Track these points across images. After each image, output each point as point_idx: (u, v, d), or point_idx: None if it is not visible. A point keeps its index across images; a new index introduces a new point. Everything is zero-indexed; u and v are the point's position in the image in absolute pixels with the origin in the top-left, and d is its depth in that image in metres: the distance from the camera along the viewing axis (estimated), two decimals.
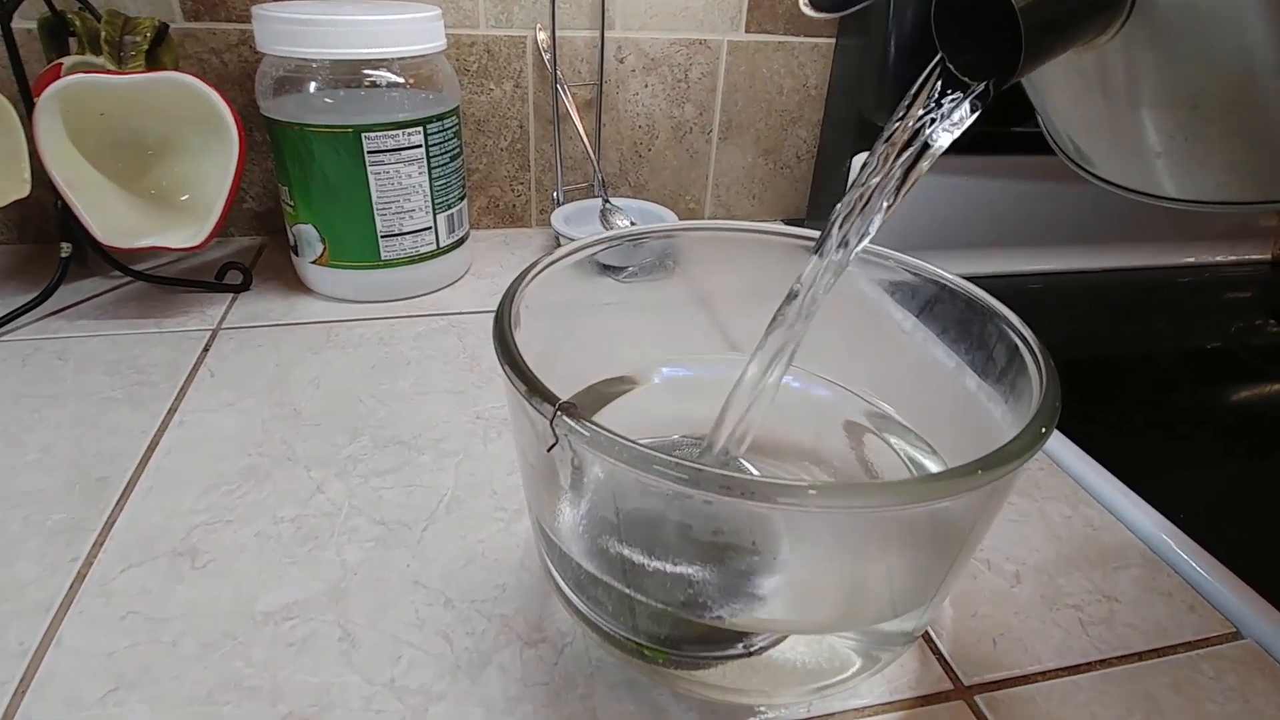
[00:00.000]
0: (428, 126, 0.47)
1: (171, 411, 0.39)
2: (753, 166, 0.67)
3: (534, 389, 0.19)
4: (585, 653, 0.28)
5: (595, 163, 0.60)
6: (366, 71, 0.46)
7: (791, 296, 0.25)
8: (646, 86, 0.61)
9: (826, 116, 0.65)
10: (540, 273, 0.27)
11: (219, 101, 0.44)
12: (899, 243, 0.62)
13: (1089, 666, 0.28)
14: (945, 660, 0.28)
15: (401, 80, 0.47)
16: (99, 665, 0.26)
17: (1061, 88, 0.23)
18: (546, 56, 0.57)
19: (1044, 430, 0.20)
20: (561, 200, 0.61)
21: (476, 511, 0.34)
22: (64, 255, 0.48)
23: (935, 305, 0.28)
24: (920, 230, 0.62)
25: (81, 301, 0.50)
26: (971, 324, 0.27)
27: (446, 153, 0.50)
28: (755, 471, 0.30)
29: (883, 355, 0.32)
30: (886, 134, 0.22)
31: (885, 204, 0.23)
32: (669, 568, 0.21)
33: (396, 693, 0.26)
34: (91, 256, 0.50)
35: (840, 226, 0.24)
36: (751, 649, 0.23)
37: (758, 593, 0.21)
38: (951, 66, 0.20)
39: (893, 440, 0.31)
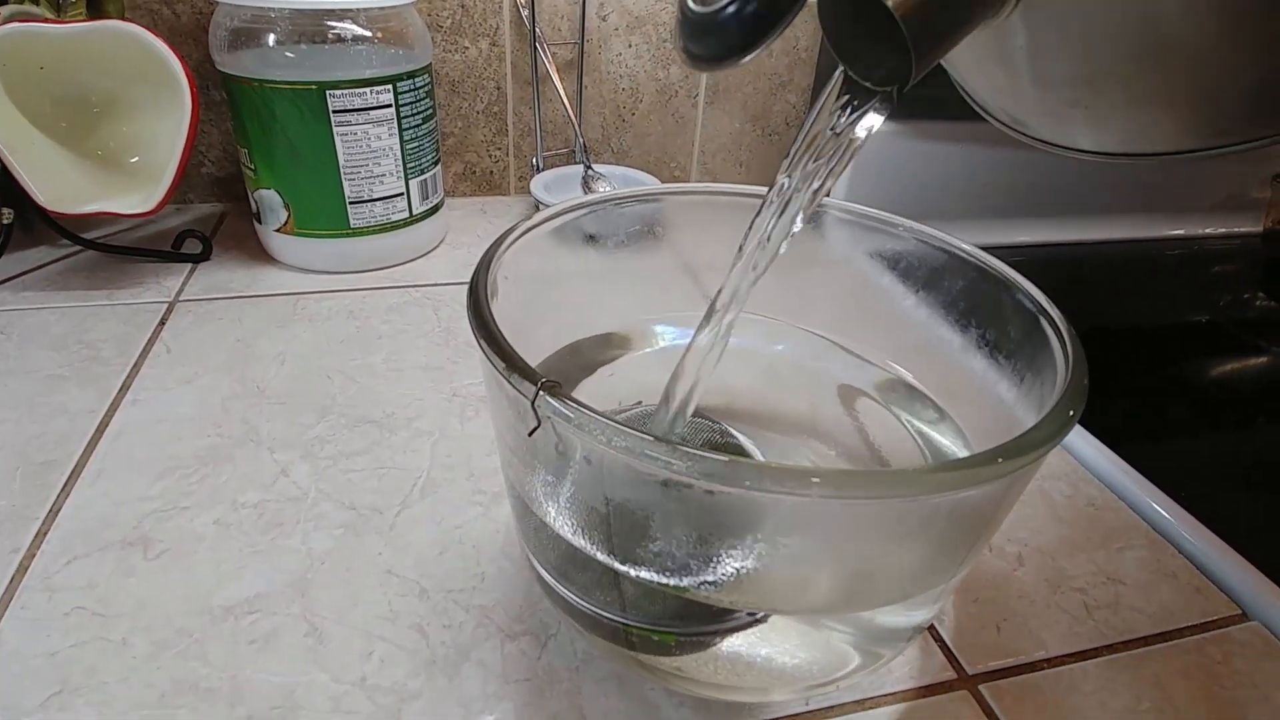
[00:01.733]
0: (398, 84, 0.45)
1: (123, 390, 0.37)
2: (740, 133, 0.64)
3: (513, 365, 0.17)
4: (570, 645, 0.26)
5: (576, 127, 0.58)
6: (330, 23, 0.43)
7: (711, 311, 0.23)
8: (630, 46, 0.59)
9: (817, 81, 0.63)
10: (519, 239, 0.25)
11: (168, 54, 0.40)
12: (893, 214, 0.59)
13: (1095, 653, 0.27)
14: (948, 648, 0.27)
15: (368, 34, 0.44)
16: (40, 667, 0.24)
17: (965, 58, 0.22)
18: (525, 13, 0.54)
19: (1072, 413, 0.18)
20: (541, 166, 0.58)
21: (453, 495, 0.32)
22: (6, 222, 0.45)
23: (944, 275, 0.26)
24: (903, 201, 0.60)
25: (27, 272, 0.47)
26: (983, 295, 0.25)
27: (419, 113, 0.47)
28: (743, 440, 0.28)
29: (886, 316, 0.30)
30: (792, 151, 0.21)
31: (799, 216, 0.22)
32: (664, 553, 0.19)
33: (367, 692, 0.24)
34: (38, 224, 0.47)
35: (754, 244, 0.22)
36: (756, 615, 0.21)
37: (758, 574, 0.19)
38: (851, 73, 0.19)
39: (895, 408, 0.29)
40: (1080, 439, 0.38)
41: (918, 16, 0.17)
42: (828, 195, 0.22)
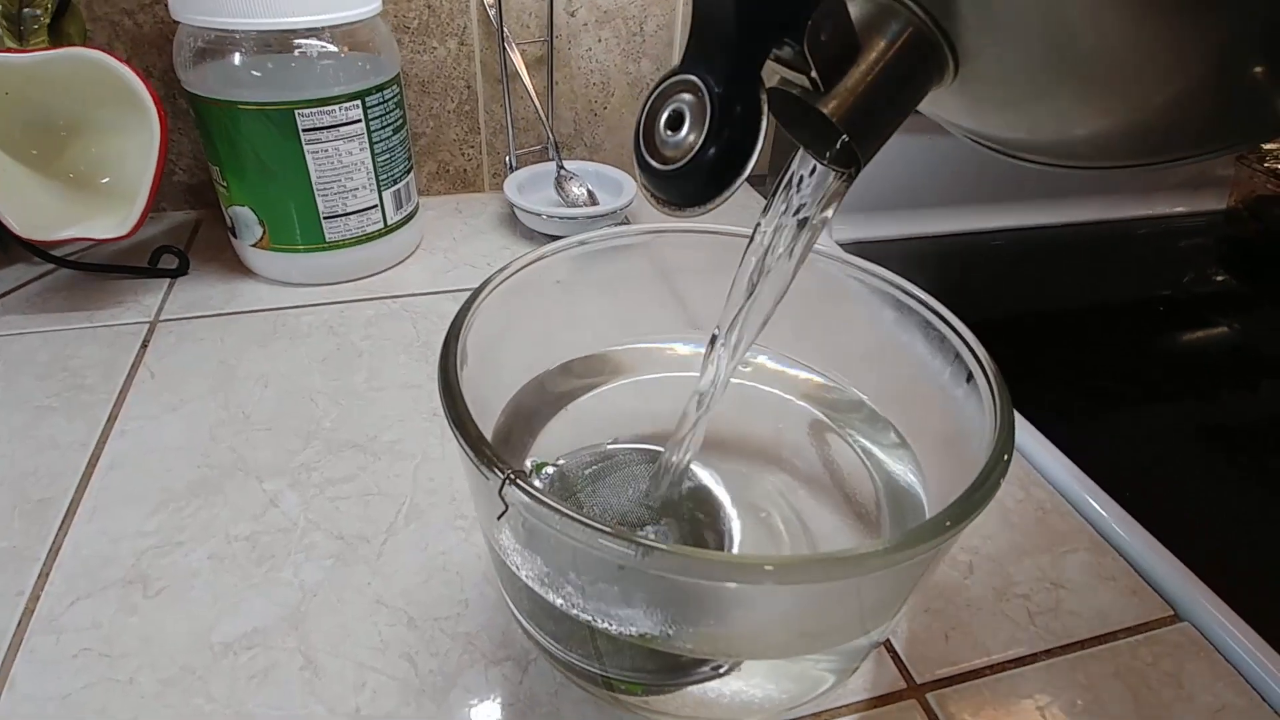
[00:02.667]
0: (366, 100, 0.45)
1: (111, 420, 0.38)
2: None
3: (482, 456, 0.19)
4: (549, 670, 0.28)
5: (548, 125, 0.58)
6: (297, 41, 0.42)
7: (698, 399, 0.25)
8: (600, 41, 0.58)
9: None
10: (487, 297, 0.26)
11: (134, 80, 0.40)
12: (865, 203, 0.61)
13: (1034, 658, 0.30)
14: (900, 660, 0.29)
15: (335, 49, 0.44)
16: (55, 709, 0.26)
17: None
18: (492, 11, 0.54)
19: (1007, 457, 0.20)
20: (514, 165, 0.58)
21: (436, 520, 0.33)
22: None
23: (900, 313, 0.28)
24: (880, 190, 0.61)
25: (6, 293, 0.47)
26: (930, 338, 0.27)
27: (389, 125, 0.47)
28: (709, 481, 0.29)
29: (849, 340, 0.31)
30: (759, 235, 0.23)
31: (776, 294, 0.23)
32: (628, 619, 0.20)
33: None
34: (12, 243, 0.47)
35: (732, 330, 0.24)
36: (720, 670, 0.23)
37: (718, 633, 0.21)
38: (811, 154, 0.21)
39: (854, 433, 0.31)
40: (1032, 440, 0.39)
41: (854, 117, 0.18)
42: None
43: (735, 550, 0.27)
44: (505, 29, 0.54)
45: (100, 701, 0.26)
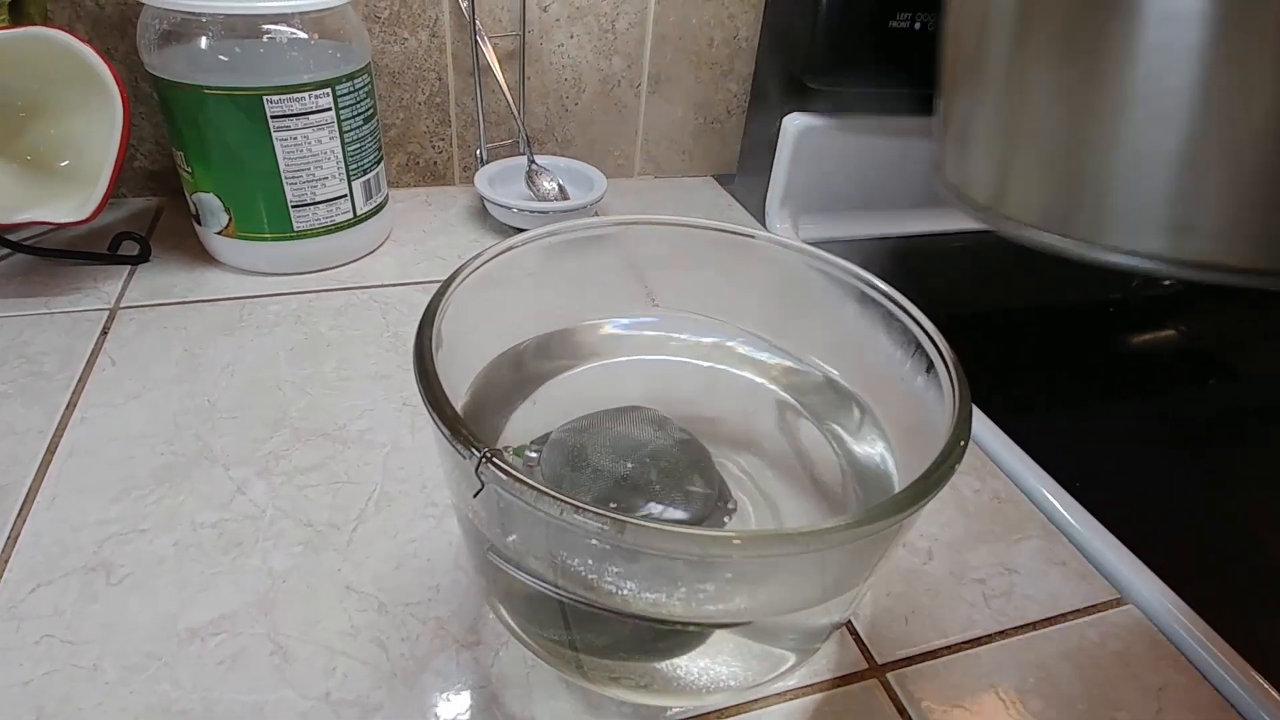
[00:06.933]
0: (337, 88, 0.44)
1: (70, 407, 0.37)
2: (682, 121, 0.65)
3: (458, 434, 0.19)
4: (521, 654, 0.28)
5: (519, 119, 0.58)
6: (265, 26, 0.42)
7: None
8: (572, 37, 0.59)
9: (757, 70, 0.64)
10: (460, 283, 0.26)
11: (96, 61, 0.39)
12: (827, 203, 0.62)
13: (989, 639, 0.31)
14: (862, 641, 0.30)
15: (305, 35, 0.43)
16: (16, 696, 0.26)
17: None
18: (464, 4, 0.54)
19: (963, 443, 0.21)
20: (485, 158, 0.58)
21: (407, 508, 0.34)
22: None
23: (865, 304, 0.29)
24: (845, 190, 0.62)
25: None
26: (892, 329, 0.28)
27: (359, 114, 0.47)
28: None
29: (818, 318, 0.32)
30: None
31: None
32: (600, 583, 0.21)
33: (333, 706, 0.26)
34: None
35: None
36: (689, 646, 0.24)
37: (692, 603, 0.22)
38: None
39: (820, 414, 0.31)
40: (989, 433, 0.41)
41: None
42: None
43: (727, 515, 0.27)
44: (477, 22, 0.54)
45: (63, 689, 0.26)
